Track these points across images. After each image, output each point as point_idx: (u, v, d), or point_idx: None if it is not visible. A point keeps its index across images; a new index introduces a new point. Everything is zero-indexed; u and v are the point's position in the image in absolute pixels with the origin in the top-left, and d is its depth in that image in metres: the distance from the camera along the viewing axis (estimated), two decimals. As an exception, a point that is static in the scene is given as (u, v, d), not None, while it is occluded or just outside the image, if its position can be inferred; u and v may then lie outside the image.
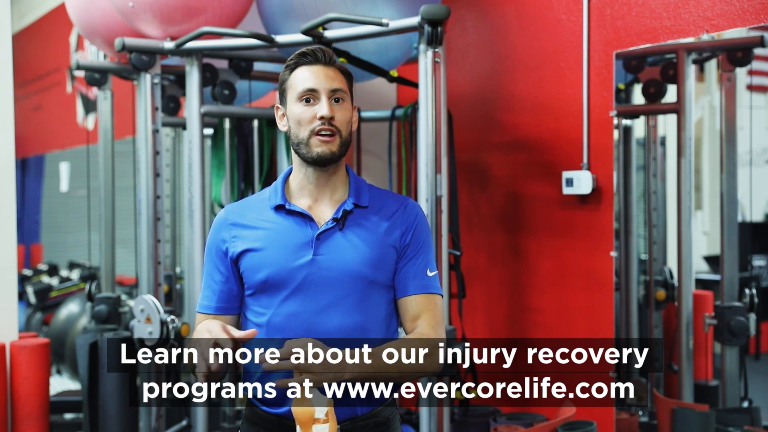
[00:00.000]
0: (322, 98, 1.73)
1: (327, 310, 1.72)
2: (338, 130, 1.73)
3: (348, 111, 1.76)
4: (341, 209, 1.77)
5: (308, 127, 1.72)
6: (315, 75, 1.74)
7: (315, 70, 1.74)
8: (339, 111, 1.74)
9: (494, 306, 3.34)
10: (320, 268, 1.71)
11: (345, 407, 1.70)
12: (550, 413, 3.09)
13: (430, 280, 1.80)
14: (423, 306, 1.78)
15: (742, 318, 2.86)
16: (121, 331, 3.42)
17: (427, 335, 1.74)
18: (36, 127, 8.00)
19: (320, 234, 1.74)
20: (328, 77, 1.74)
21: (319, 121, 1.71)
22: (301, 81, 1.74)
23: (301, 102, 1.74)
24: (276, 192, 1.80)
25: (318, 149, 1.72)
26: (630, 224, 3.31)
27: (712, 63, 3.13)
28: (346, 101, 1.76)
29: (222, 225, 1.80)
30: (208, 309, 1.81)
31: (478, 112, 3.38)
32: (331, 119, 1.72)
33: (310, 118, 1.72)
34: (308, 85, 1.73)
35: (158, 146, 3.16)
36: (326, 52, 1.76)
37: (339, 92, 1.74)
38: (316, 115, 1.72)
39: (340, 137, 1.74)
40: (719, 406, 2.98)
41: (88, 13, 3.45)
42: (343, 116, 1.74)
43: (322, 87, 1.73)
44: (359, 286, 1.73)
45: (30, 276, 6.89)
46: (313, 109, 1.72)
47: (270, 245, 1.75)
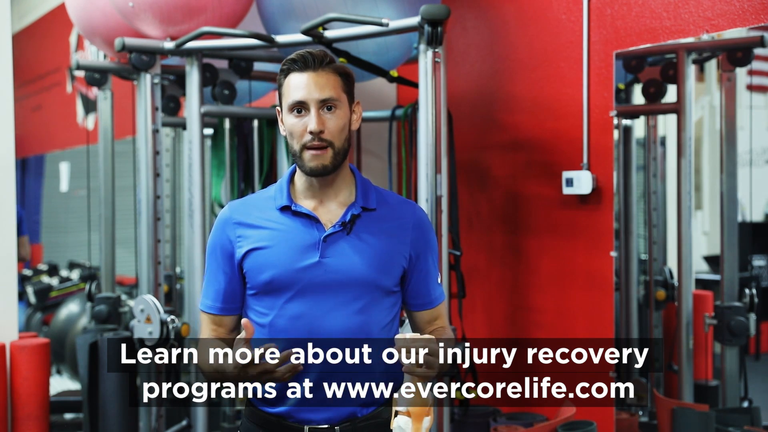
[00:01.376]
0: (311, 110, 1.69)
1: (331, 313, 1.72)
2: (330, 142, 1.70)
3: (341, 118, 1.72)
4: (349, 213, 1.75)
5: (300, 141, 1.71)
6: (304, 85, 1.70)
7: (304, 79, 1.70)
8: (331, 120, 1.70)
9: (494, 306, 3.34)
10: (326, 270, 1.70)
11: (345, 408, 1.70)
12: (550, 413, 3.09)
13: (440, 288, 1.87)
14: (438, 313, 1.87)
15: (742, 318, 2.86)
16: (121, 331, 3.42)
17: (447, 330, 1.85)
18: (36, 127, 8.00)
19: (327, 237, 1.73)
20: (318, 86, 1.70)
21: (309, 135, 1.69)
22: (292, 90, 1.71)
23: (292, 113, 1.71)
24: (281, 192, 1.79)
25: (310, 164, 1.71)
26: (630, 224, 3.31)
27: (712, 63, 3.13)
28: (339, 107, 1.72)
29: (227, 223, 1.79)
30: (212, 309, 1.81)
31: (478, 112, 3.38)
32: (321, 133, 1.69)
33: (301, 132, 1.70)
34: (297, 96, 1.70)
35: (158, 146, 3.16)
36: (316, 57, 1.71)
37: (329, 101, 1.70)
38: (306, 128, 1.69)
39: (333, 149, 1.71)
40: (719, 406, 2.98)
41: (88, 13, 3.45)
42: (335, 125, 1.70)
43: (310, 98, 1.69)
44: (365, 290, 1.73)
45: (30, 276, 6.88)
46: (304, 121, 1.70)
47: (275, 246, 1.74)
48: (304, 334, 1.67)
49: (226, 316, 1.80)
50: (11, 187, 3.62)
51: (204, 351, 1.67)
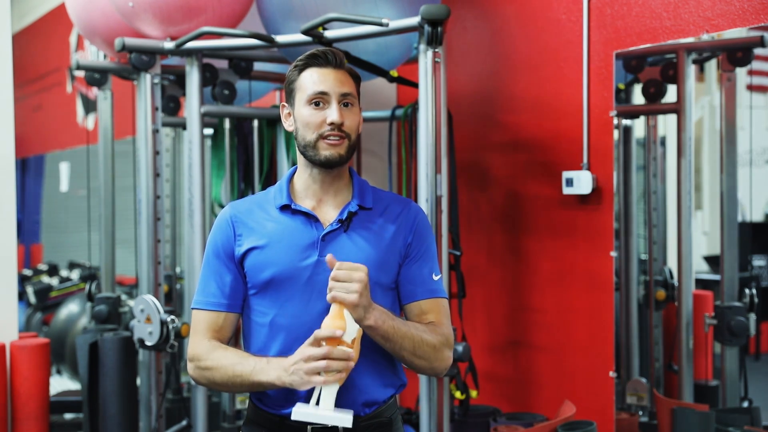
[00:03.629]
0: (332, 103, 1.73)
1: None
2: (347, 134, 1.74)
3: (357, 115, 1.77)
4: (346, 210, 1.78)
5: (317, 131, 1.73)
6: (326, 78, 1.73)
7: (325, 72, 1.74)
8: (348, 116, 1.74)
9: (494, 306, 3.34)
10: (326, 269, 1.70)
11: (347, 408, 1.69)
12: (550, 413, 3.09)
13: (436, 284, 1.81)
14: (431, 308, 1.80)
15: (742, 318, 2.86)
16: (121, 331, 3.42)
17: (442, 332, 1.77)
18: (36, 127, 8.01)
19: (325, 235, 1.75)
20: (339, 81, 1.74)
21: (329, 127, 1.72)
22: (312, 83, 1.73)
23: (310, 105, 1.74)
24: (281, 192, 1.81)
25: (326, 152, 1.73)
26: (630, 224, 3.31)
27: (712, 63, 3.13)
28: (355, 105, 1.77)
29: (228, 223, 1.80)
30: (218, 306, 1.78)
31: (478, 112, 3.38)
32: (341, 125, 1.72)
33: (319, 123, 1.73)
34: (319, 88, 1.73)
35: (158, 146, 3.16)
36: (337, 55, 1.75)
37: (349, 97, 1.75)
38: (325, 119, 1.72)
39: (349, 141, 1.75)
40: (719, 406, 2.98)
41: (88, 13, 3.45)
42: (352, 121, 1.75)
43: (333, 91, 1.72)
44: None
45: (30, 276, 6.89)
46: (323, 113, 1.73)
47: (275, 244, 1.75)
48: (305, 331, 1.66)
49: (229, 313, 1.79)
50: (11, 188, 3.63)
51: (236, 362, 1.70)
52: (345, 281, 1.60)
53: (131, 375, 3.24)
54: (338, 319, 1.58)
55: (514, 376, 3.27)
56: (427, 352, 1.72)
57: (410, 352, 1.70)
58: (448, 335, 1.78)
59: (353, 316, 1.60)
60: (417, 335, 1.70)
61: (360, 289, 1.59)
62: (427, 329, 1.74)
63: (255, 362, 1.67)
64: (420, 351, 1.71)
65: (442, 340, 1.75)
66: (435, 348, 1.73)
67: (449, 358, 1.78)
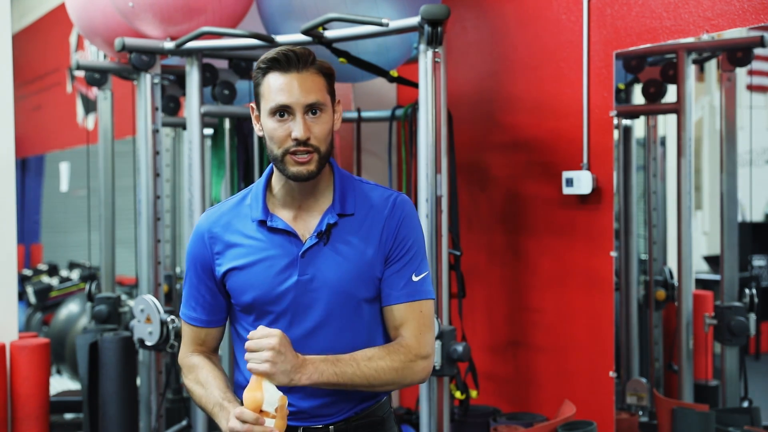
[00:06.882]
0: (296, 116, 1.59)
1: (316, 332, 1.66)
2: (316, 148, 1.60)
3: (326, 122, 1.62)
4: (324, 221, 1.66)
5: (283, 146, 1.60)
6: (289, 87, 1.58)
7: (288, 80, 1.59)
8: (316, 125, 1.60)
9: (494, 306, 3.34)
10: (306, 289, 1.64)
11: (338, 406, 1.69)
12: (550, 413, 3.09)
13: (416, 286, 1.68)
14: (406, 315, 1.68)
15: (742, 318, 2.86)
16: (121, 331, 3.42)
17: (407, 346, 1.66)
18: (36, 127, 8.00)
19: (304, 252, 1.65)
20: (304, 89, 1.58)
21: (293, 142, 1.59)
22: (274, 92, 1.59)
23: (273, 117, 1.60)
24: (257, 201, 1.70)
25: (293, 169, 1.61)
26: (630, 224, 3.31)
27: (712, 63, 3.13)
28: (325, 111, 1.62)
29: (203, 238, 1.72)
30: (198, 322, 1.77)
31: (478, 112, 3.38)
32: (307, 140, 1.59)
33: (283, 137, 1.60)
34: (281, 100, 1.58)
35: (158, 146, 3.16)
36: (300, 56, 1.59)
37: (315, 105, 1.60)
38: (290, 133, 1.59)
39: (318, 154, 1.61)
40: (719, 406, 2.98)
41: (88, 13, 3.45)
42: (321, 131, 1.61)
43: (295, 103, 1.58)
44: (348, 304, 1.66)
45: (30, 276, 6.89)
46: (288, 126, 1.59)
47: (254, 265, 1.67)
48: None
49: (211, 328, 1.77)
50: (11, 188, 3.62)
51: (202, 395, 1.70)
52: (256, 350, 1.53)
53: (131, 375, 3.24)
54: (256, 391, 1.53)
55: (514, 376, 3.27)
56: (389, 378, 1.63)
57: (367, 387, 1.63)
58: (416, 347, 1.66)
59: (276, 383, 1.54)
60: (368, 370, 1.61)
61: (271, 357, 1.51)
62: (385, 353, 1.63)
63: (214, 404, 1.65)
64: (378, 381, 1.62)
65: (408, 357, 1.65)
66: (397, 370, 1.63)
67: (424, 368, 1.67)
